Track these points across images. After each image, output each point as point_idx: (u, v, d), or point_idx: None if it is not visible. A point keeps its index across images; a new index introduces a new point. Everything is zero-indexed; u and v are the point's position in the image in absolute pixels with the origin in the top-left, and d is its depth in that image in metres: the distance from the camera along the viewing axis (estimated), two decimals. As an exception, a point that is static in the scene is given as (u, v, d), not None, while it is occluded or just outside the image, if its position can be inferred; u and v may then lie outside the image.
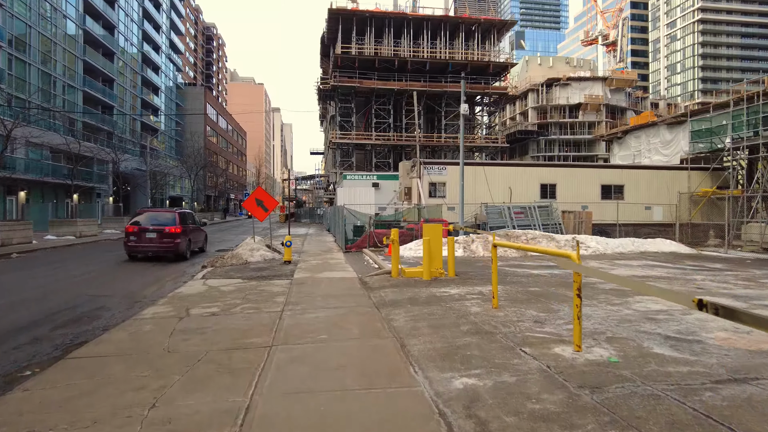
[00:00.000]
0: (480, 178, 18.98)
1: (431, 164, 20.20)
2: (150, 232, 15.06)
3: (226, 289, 9.74)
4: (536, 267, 13.08)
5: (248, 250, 15.11)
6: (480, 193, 19.17)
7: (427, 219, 17.68)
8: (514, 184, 20.28)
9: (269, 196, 15.69)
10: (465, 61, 51.99)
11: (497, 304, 7.38)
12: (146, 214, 16.04)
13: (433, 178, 19.77)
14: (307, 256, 16.28)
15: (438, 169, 19.94)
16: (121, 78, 48.54)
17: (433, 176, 19.79)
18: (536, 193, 20.82)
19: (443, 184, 20.04)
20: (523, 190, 20.28)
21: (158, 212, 16.87)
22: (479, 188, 18.89)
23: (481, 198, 19.24)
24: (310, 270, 12.52)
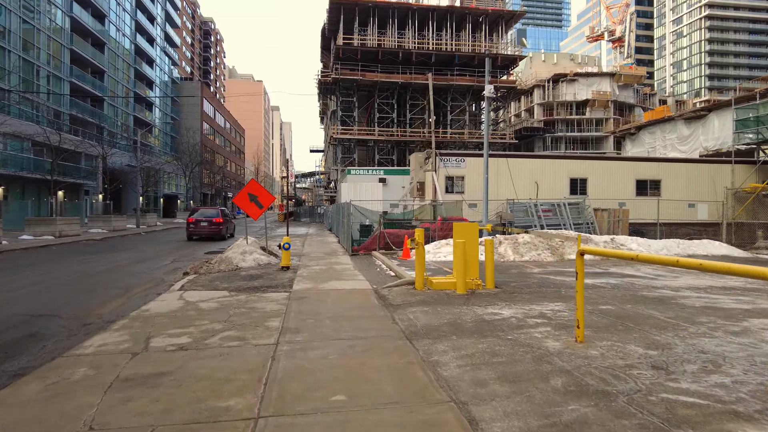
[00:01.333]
0: (503, 172, 16.86)
1: (448, 156, 18.04)
2: (203, 222, 22.84)
3: (207, 306, 7.56)
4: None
5: (239, 254, 12.93)
6: (503, 189, 17.04)
7: (445, 218, 15.52)
8: (541, 178, 18.16)
9: (264, 191, 13.52)
10: (472, 53, 49.83)
11: (583, 336, 5.21)
12: (199, 211, 24.25)
13: (450, 171, 17.61)
14: (308, 260, 14.10)
15: (456, 162, 17.79)
16: (112, 70, 46.30)
17: (451, 169, 17.63)
18: (565, 188, 18.71)
19: (461, 178, 17.90)
20: (550, 185, 18.18)
21: (206, 209, 24.91)
22: (502, 183, 16.76)
23: (505, 194, 17.12)
24: (313, 278, 10.34)
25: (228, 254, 12.97)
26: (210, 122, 77.36)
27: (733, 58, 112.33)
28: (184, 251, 18.25)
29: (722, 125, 34.16)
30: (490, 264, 8.84)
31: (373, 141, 49.22)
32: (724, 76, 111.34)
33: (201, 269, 11.67)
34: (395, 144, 49.98)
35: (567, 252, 14.08)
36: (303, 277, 10.57)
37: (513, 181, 16.48)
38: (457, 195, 17.24)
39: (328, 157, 64.35)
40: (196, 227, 22.81)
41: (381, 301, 7.81)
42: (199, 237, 22.80)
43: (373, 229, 17.17)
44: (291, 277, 10.51)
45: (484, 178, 14.53)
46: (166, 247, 20.02)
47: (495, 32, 52.50)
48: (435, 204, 15.22)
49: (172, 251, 18.31)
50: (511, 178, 16.47)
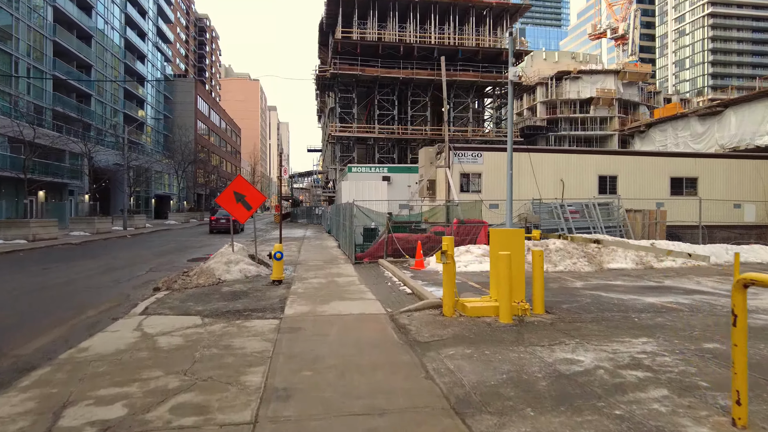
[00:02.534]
0: (525, 169, 14.96)
1: (463, 150, 16.08)
2: (222, 219, 28.92)
3: (168, 343, 5.60)
4: (639, 291, 8.96)
5: (223, 264, 10.94)
6: (525, 187, 15.12)
7: (462, 220, 13.56)
8: (567, 175, 16.26)
9: (253, 189, 11.54)
10: (476, 47, 47.94)
11: (747, 419, 3.23)
12: (219, 211, 29.83)
13: (465, 167, 15.67)
14: (304, 270, 12.12)
15: (472, 157, 15.84)
16: (100, 64, 44.20)
17: (466, 165, 15.69)
18: (593, 186, 16.82)
19: (478, 175, 15.96)
20: (577, 183, 16.29)
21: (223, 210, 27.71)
22: (524, 181, 14.85)
23: (527, 193, 15.20)
24: (311, 297, 8.36)
25: (210, 264, 10.98)
26: (204, 120, 75.24)
27: (736, 56, 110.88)
28: (165, 258, 16.25)
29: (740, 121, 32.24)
30: (539, 283, 6.88)
31: (373, 139, 47.30)
32: (727, 75, 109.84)
33: (175, 283, 9.67)
34: (396, 142, 48.07)
35: (606, 260, 12.15)
36: (298, 295, 8.58)
37: (536, 178, 14.57)
38: (473, 194, 15.30)
39: (326, 156, 62.39)
40: (217, 223, 30.03)
41: (402, 334, 5.84)
42: (218, 231, 29.73)
43: (378, 233, 15.22)
44: (283, 295, 8.53)
45: (508, 175, 12.57)
46: (147, 253, 18.01)
47: (499, 26, 50.63)
48: (450, 204, 13.28)
49: (152, 258, 16.30)
50: (533, 176, 14.54)
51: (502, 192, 15.78)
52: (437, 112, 50.94)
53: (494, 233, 7.07)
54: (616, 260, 12.33)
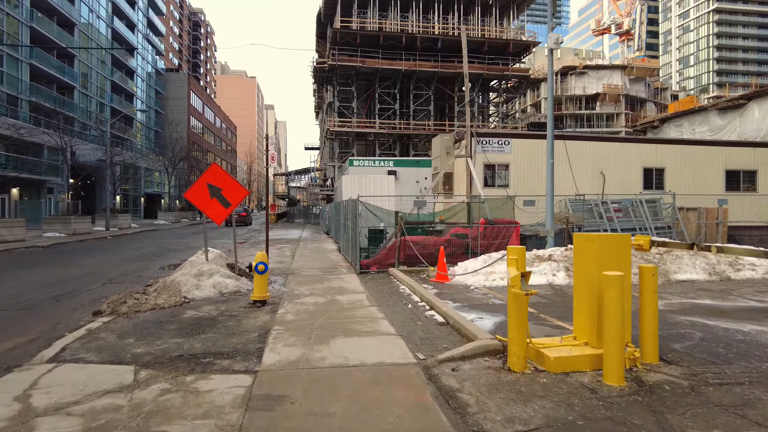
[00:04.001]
0: (559, 159, 12.65)
1: (488, 137, 13.68)
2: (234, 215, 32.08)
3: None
4: (752, 316, 6.59)
5: (193, 277, 8.53)
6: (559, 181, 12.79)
7: (490, 220, 11.19)
8: (608, 167, 13.95)
9: (232, 181, 9.13)
10: (482, 38, 45.59)
11: None
12: None
13: (490, 157, 13.28)
14: (298, 282, 9.71)
15: (498, 145, 13.45)
16: (84, 55, 41.69)
17: (492, 155, 13.29)
18: (637, 180, 14.48)
19: (505, 166, 13.59)
20: (619, 177, 13.97)
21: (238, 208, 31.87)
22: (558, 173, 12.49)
23: (561, 187, 12.86)
24: (304, 330, 5.95)
25: (176, 277, 8.56)
26: (198, 117, 72.73)
27: (741, 53, 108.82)
28: (135, 264, 13.82)
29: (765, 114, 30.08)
30: (651, 317, 4.49)
31: (373, 134, 44.93)
32: (732, 72, 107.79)
33: (125, 305, 7.25)
34: (398, 137, 45.70)
35: (671, 269, 9.79)
36: (286, 325, 6.18)
37: (572, 170, 12.25)
38: (499, 189, 12.97)
39: (324, 153, 60.03)
40: None
41: (455, 413, 3.45)
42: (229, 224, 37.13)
43: (387, 235, 12.83)
44: (265, 325, 6.14)
45: (548, 165, 10.27)
46: (118, 258, 15.57)
47: (506, 17, 48.35)
48: (474, 201, 10.88)
49: (120, 264, 13.87)
50: (570, 167, 12.23)
51: (534, 187, 13.44)
52: (440, 107, 48.62)
53: (581, 240, 4.70)
54: (684, 269, 9.96)
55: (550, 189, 10.45)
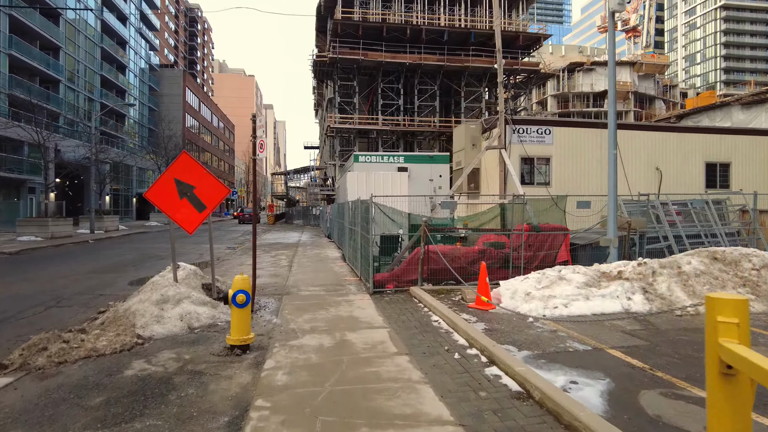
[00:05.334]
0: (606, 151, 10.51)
1: (525, 125, 11.44)
2: (246, 215, 46.86)
3: None
4: None
5: (154, 304, 6.34)
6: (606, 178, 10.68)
7: (536, 225, 8.99)
8: (664, 162, 11.79)
9: (207, 175, 6.95)
10: (490, 30, 43.35)
11: None
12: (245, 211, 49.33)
13: (528, 149, 11.05)
14: (294, 307, 7.51)
15: (537, 134, 11.24)
16: (71, 47, 39.41)
17: (529, 146, 11.06)
18: (698, 177, 12.30)
19: (545, 160, 11.39)
20: (678, 173, 11.80)
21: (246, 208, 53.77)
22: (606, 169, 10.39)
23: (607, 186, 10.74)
24: (302, 411, 3.74)
25: (131, 305, 6.37)
26: (194, 115, 70.51)
27: (749, 50, 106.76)
28: (102, 278, 11.61)
29: (795, 108, 28.18)
30: None
31: (376, 131, 42.73)
32: (740, 70, 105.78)
33: (43, 354, 5.05)
34: (401, 135, 43.50)
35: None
36: (275, 399, 3.97)
37: (623, 166, 10.10)
38: (539, 188, 10.80)
39: (324, 151, 57.87)
40: (243, 218, 46.52)
41: None
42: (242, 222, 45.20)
43: (402, 242, 10.67)
44: (242, 398, 3.94)
45: (610, 156, 8.15)
46: (86, 268, 13.36)
47: (514, 8, 46.20)
48: (518, 202, 8.62)
49: (85, 276, 11.67)
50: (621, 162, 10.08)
51: (579, 184, 11.24)
52: (446, 103, 46.42)
53: None
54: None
55: (612, 187, 8.28)
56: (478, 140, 11.77)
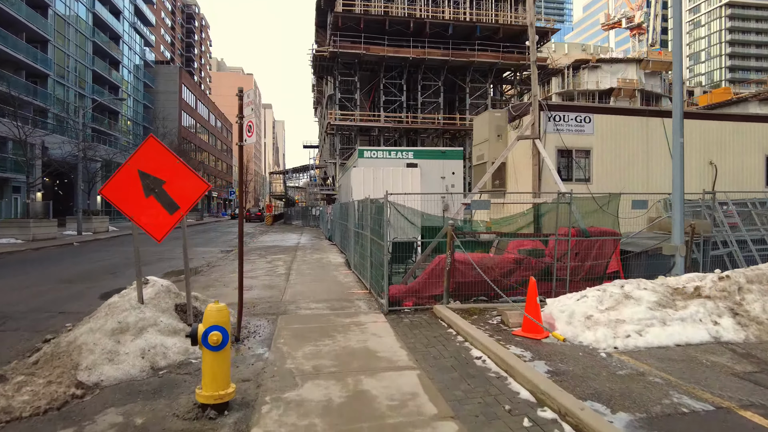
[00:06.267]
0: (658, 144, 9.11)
1: (562, 111, 9.87)
2: (253, 215, 56.65)
3: None
4: None
5: (108, 335, 4.81)
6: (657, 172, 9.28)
7: (584, 229, 7.48)
8: (719, 155, 10.32)
9: (181, 167, 5.42)
10: (496, 24, 41.97)
11: None
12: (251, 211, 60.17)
13: (566, 139, 9.52)
14: (292, 335, 5.99)
15: (576, 122, 9.70)
16: (60, 40, 37.84)
17: (567, 135, 9.53)
18: (758, 172, 10.79)
19: (585, 152, 9.86)
20: (732, 168, 10.33)
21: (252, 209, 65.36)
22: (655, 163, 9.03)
23: (659, 182, 9.30)
24: None
25: (78, 336, 4.84)
26: (191, 113, 68.96)
27: (755, 48, 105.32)
28: (71, 289, 10.08)
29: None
30: None
31: (377, 129, 41.24)
32: (745, 68, 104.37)
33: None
34: (404, 132, 42.01)
35: None
36: None
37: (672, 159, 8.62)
38: (577, 184, 9.31)
39: (324, 150, 56.40)
40: (250, 216, 54.07)
41: None
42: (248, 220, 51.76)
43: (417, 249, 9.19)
44: None
45: (675, 145, 6.71)
46: (56, 276, 11.82)
47: (521, 2, 44.63)
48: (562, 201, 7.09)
49: (51, 287, 10.13)
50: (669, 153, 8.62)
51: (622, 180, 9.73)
52: (450, 100, 44.93)
53: None
54: None
55: (678, 183, 6.78)
56: (504, 130, 10.25)
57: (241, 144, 5.45)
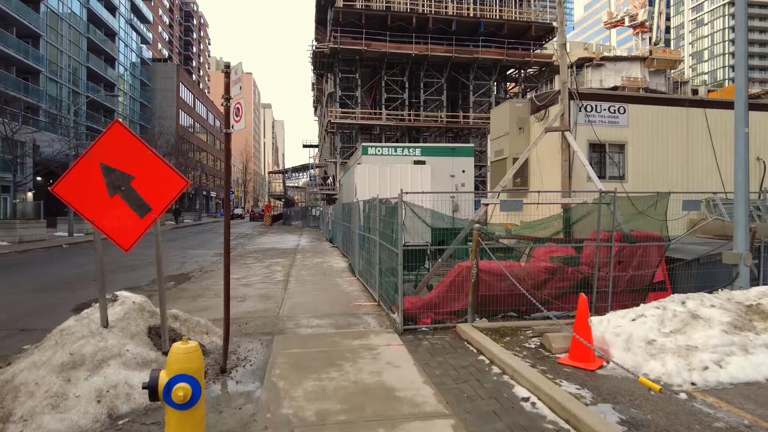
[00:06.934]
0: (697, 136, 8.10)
1: (593, 100, 8.84)
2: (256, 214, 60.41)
3: None
4: None
5: (56, 372, 3.78)
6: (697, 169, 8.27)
7: (629, 235, 6.46)
8: (766, 150, 9.29)
9: (153, 158, 4.39)
10: (500, 20, 41.00)
11: None
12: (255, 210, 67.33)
13: (599, 132, 8.50)
14: (290, 364, 4.97)
15: (609, 112, 8.65)
16: (53, 36, 36.79)
17: (599, 128, 8.51)
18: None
19: (619, 146, 8.80)
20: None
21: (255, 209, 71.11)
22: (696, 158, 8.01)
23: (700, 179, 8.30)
24: None
25: (15, 373, 3.81)
26: (189, 112, 67.92)
27: (758, 47, 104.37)
28: (44, 299, 9.08)
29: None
30: None
31: (379, 127, 40.22)
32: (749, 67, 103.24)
33: None
34: (406, 130, 40.97)
35: None
36: None
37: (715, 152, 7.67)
38: (611, 182, 8.30)
39: (324, 149, 55.41)
40: (254, 216, 59.78)
41: None
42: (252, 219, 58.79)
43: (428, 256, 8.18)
44: None
45: (739, 137, 5.71)
46: (37, 281, 10.81)
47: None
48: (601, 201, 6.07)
49: (24, 296, 9.13)
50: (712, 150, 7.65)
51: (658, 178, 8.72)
52: (453, 98, 43.91)
53: None
54: None
55: (742, 180, 5.78)
56: (527, 122, 9.24)
57: (229, 131, 4.44)
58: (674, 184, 8.35)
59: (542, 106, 9.11)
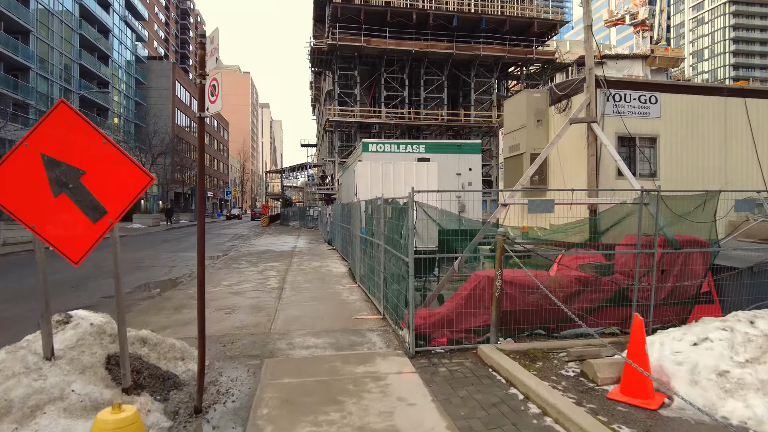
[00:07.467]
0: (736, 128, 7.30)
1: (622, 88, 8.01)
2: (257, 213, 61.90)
3: None
4: None
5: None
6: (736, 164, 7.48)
7: (672, 239, 5.61)
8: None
9: (109, 148, 3.50)
10: (502, 16, 40.19)
11: None
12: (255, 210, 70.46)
13: (629, 124, 7.64)
14: (279, 403, 4.09)
15: (640, 102, 7.81)
16: (43, 31, 35.84)
17: (630, 119, 7.66)
18: None
19: (650, 140, 7.98)
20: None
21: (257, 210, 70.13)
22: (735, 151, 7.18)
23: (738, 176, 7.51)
24: None
25: None
26: (185, 110, 66.92)
27: (759, 46, 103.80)
28: (13, 309, 8.18)
29: None
30: None
31: (378, 125, 39.37)
32: (750, 66, 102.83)
33: None
34: (406, 129, 40.13)
35: None
36: None
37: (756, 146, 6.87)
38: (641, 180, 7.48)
39: (322, 148, 54.49)
40: (254, 215, 61.68)
41: None
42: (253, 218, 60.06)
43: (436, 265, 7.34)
44: None
45: None
46: (6, 290, 9.91)
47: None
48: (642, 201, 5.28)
49: (-10, 308, 8.23)
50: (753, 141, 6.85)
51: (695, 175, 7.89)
52: (453, 96, 43.07)
53: None
54: None
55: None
56: (545, 114, 8.42)
57: (203, 115, 3.58)
58: (710, 181, 7.52)
59: (564, 96, 8.29)
